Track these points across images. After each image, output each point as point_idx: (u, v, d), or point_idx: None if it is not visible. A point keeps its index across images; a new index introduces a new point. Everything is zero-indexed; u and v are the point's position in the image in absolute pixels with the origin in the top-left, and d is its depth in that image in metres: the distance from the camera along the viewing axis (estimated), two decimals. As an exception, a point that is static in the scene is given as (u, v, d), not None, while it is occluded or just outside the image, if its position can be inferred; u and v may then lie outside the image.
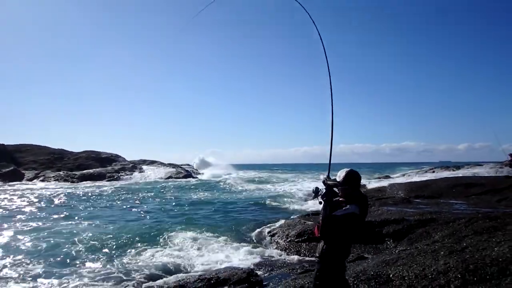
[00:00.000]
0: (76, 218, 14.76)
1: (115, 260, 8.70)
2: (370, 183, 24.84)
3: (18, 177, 40.07)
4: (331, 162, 3.86)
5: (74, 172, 44.01)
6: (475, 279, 4.47)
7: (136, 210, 17.81)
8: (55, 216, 15.36)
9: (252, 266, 7.66)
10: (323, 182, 3.58)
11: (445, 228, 8.76)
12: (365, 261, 7.15)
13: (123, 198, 22.98)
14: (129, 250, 9.59)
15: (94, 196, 24.23)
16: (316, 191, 3.53)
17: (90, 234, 11.49)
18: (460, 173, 30.77)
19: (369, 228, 10.62)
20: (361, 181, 3.76)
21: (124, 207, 18.81)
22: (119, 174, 46.39)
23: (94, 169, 46.36)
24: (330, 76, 4.28)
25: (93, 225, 13.37)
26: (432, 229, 9.09)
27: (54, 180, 39.56)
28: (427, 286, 4.48)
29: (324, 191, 3.47)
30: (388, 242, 9.59)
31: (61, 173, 42.88)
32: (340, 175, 3.57)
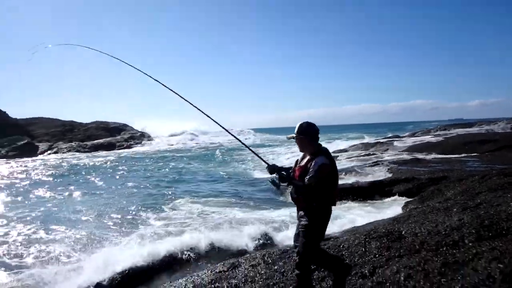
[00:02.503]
0: (86, 189, 15.02)
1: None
2: (379, 143, 24.59)
3: (33, 150, 40.81)
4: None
5: (85, 143, 44.61)
6: (490, 234, 4.39)
7: (145, 180, 18.03)
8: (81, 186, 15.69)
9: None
10: (270, 172, 3.53)
11: (457, 185, 8.66)
12: (375, 220, 7.17)
13: (132, 168, 23.14)
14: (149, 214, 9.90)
15: (103, 167, 24.52)
16: (274, 182, 3.53)
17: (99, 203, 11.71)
18: (473, 130, 30.32)
19: (379, 187, 10.61)
20: (370, 141, 3.66)
21: (133, 177, 18.92)
22: (129, 143, 46.91)
23: (104, 139, 46.89)
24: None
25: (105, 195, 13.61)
26: (444, 187, 9.00)
27: (67, 151, 40.21)
28: (441, 242, 4.42)
29: (277, 175, 3.47)
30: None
31: (73, 144, 43.50)
32: (296, 127, 3.60)
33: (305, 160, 3.49)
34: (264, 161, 3.62)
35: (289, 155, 27.03)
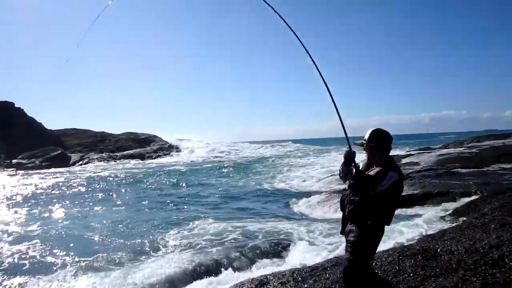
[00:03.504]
0: (102, 203, 14.70)
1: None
2: (409, 155, 23.96)
3: (66, 160, 42.34)
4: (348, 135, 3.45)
5: (115, 154, 45.91)
6: (533, 253, 4.18)
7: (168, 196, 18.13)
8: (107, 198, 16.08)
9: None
10: (345, 156, 3.21)
11: (494, 200, 8.29)
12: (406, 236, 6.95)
13: (155, 180, 23.07)
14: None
15: (127, 179, 24.82)
16: (344, 172, 3.19)
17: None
18: (508, 141, 29.03)
19: (410, 201, 10.30)
20: (400, 153, 3.47)
21: (154, 191, 18.74)
22: (157, 154, 47.88)
23: (133, 150, 48.10)
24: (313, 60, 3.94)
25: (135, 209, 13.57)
26: (480, 202, 8.63)
27: (98, 162, 41.45)
28: (479, 260, 4.24)
29: (353, 169, 3.10)
30: (432, 216, 9.24)
31: (103, 155, 44.86)
32: (366, 133, 3.27)
33: (375, 170, 3.17)
34: (348, 144, 3.28)
35: (320, 168, 26.84)
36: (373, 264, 4.79)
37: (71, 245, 8.58)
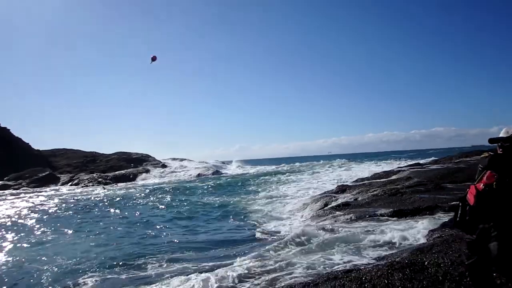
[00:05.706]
0: (64, 233, 13.46)
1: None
2: (400, 171, 24.24)
3: (54, 181, 41.85)
4: None
5: (107, 174, 45.55)
6: (516, 264, 4.32)
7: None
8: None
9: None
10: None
11: (481, 213, 8.47)
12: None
13: (139, 204, 21.91)
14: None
15: (122, 200, 24.36)
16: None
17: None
18: (495, 156, 29.44)
19: (399, 216, 10.43)
20: (393, 168, 3.57)
21: (130, 214, 17.58)
22: (149, 174, 47.65)
23: (125, 170, 47.83)
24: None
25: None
26: (468, 215, 8.81)
27: (88, 182, 41.05)
28: (464, 272, 4.37)
29: None
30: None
31: (94, 175, 44.46)
32: (509, 131, 3.15)
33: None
34: None
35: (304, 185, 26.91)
36: (363, 278, 4.89)
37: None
